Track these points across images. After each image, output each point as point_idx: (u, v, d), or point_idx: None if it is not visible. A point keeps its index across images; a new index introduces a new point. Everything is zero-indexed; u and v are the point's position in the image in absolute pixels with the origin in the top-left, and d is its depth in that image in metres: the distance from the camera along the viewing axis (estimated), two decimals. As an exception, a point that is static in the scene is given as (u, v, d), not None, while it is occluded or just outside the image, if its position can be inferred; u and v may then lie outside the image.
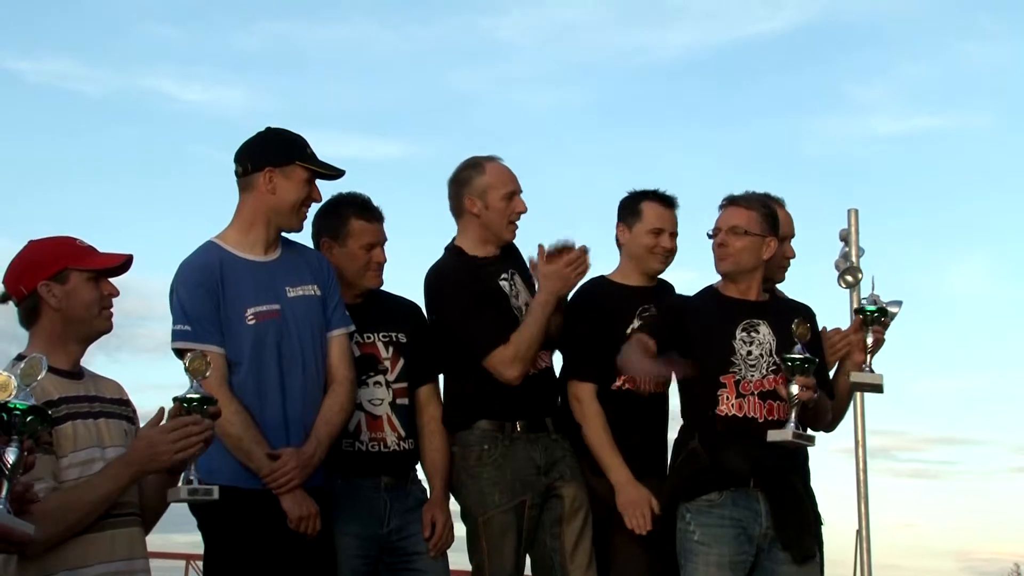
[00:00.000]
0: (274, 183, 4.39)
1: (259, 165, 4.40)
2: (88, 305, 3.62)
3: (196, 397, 3.55)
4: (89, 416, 3.57)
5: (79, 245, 3.68)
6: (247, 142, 4.50)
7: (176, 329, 4.31)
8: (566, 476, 4.84)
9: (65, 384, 3.57)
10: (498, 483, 4.76)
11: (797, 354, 4.49)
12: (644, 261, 5.12)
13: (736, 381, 4.66)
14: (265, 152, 4.43)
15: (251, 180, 4.42)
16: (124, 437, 3.65)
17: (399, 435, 4.74)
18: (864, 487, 5.50)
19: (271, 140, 4.48)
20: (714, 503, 4.60)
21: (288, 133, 4.50)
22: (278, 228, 4.46)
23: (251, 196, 4.43)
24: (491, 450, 4.79)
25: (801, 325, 4.53)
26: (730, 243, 4.77)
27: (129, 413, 3.76)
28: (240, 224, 4.46)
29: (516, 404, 4.82)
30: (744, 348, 4.70)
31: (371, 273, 4.80)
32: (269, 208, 4.41)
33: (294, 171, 4.41)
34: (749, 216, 4.79)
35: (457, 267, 4.91)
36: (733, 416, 4.64)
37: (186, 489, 3.59)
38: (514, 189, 4.92)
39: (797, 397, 4.48)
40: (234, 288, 4.34)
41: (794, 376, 4.48)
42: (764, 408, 4.64)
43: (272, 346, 4.36)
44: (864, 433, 5.49)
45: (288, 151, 4.43)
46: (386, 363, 4.78)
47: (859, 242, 5.37)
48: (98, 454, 3.55)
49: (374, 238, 4.80)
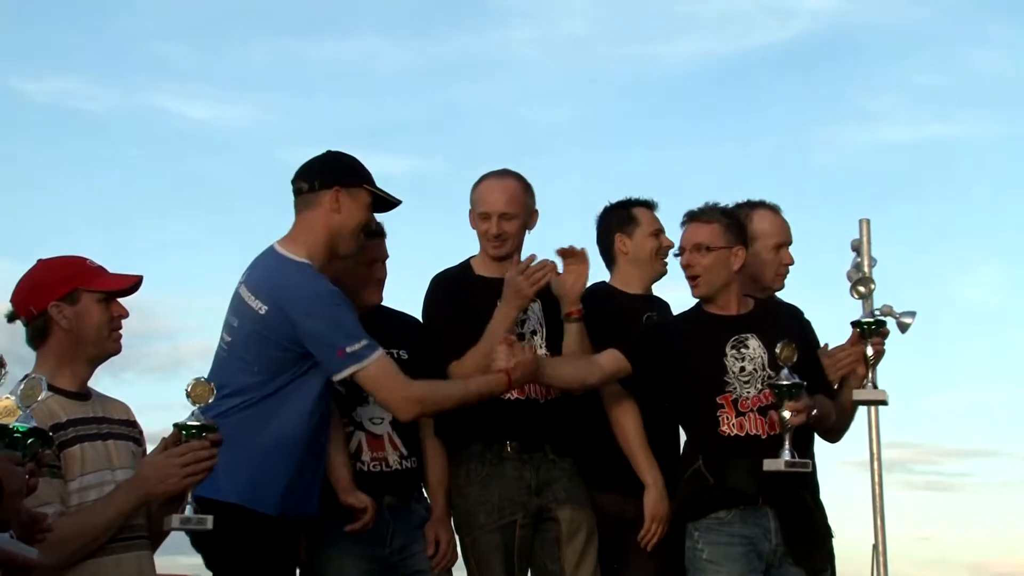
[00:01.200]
0: (340, 203, 4.37)
1: (328, 183, 4.38)
2: (98, 326, 3.64)
3: (196, 424, 3.52)
4: (97, 438, 3.59)
5: (89, 265, 3.70)
6: (313, 161, 4.49)
7: (352, 351, 4.19)
8: (560, 498, 4.81)
9: (73, 406, 3.58)
10: (484, 503, 4.75)
11: (784, 380, 4.47)
12: (651, 264, 5.16)
13: (733, 400, 4.63)
14: (335, 171, 4.42)
15: (316, 197, 4.38)
16: (132, 459, 3.66)
17: (401, 454, 4.73)
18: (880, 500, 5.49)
19: (339, 161, 4.49)
20: (723, 521, 4.58)
21: (354, 158, 4.52)
22: (335, 250, 4.41)
23: (314, 213, 4.38)
24: (478, 469, 4.79)
25: (785, 348, 4.48)
26: (695, 262, 4.74)
27: (136, 435, 3.78)
28: (309, 241, 4.36)
29: (510, 425, 4.80)
30: (736, 365, 4.67)
31: (371, 289, 4.79)
32: (333, 226, 4.37)
33: (360, 194, 4.40)
34: (710, 230, 4.75)
35: (451, 280, 4.96)
36: (736, 436, 4.60)
37: (178, 519, 3.55)
38: (487, 211, 4.90)
39: (790, 423, 4.45)
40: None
41: (783, 402, 4.46)
42: (766, 423, 4.60)
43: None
44: (879, 446, 5.48)
45: (357, 173, 4.44)
46: None
47: (871, 252, 5.38)
48: (109, 476, 3.56)
49: (375, 254, 4.80)
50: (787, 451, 4.48)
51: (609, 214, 5.28)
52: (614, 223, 5.23)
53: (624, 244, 5.18)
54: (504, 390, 4.52)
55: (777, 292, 5.20)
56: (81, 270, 3.68)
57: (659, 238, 5.16)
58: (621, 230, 5.20)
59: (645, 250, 5.16)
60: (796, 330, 4.77)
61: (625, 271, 5.21)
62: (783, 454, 4.47)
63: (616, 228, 5.21)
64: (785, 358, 4.48)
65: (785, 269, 5.16)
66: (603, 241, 5.27)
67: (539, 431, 4.86)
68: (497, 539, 4.74)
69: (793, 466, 4.48)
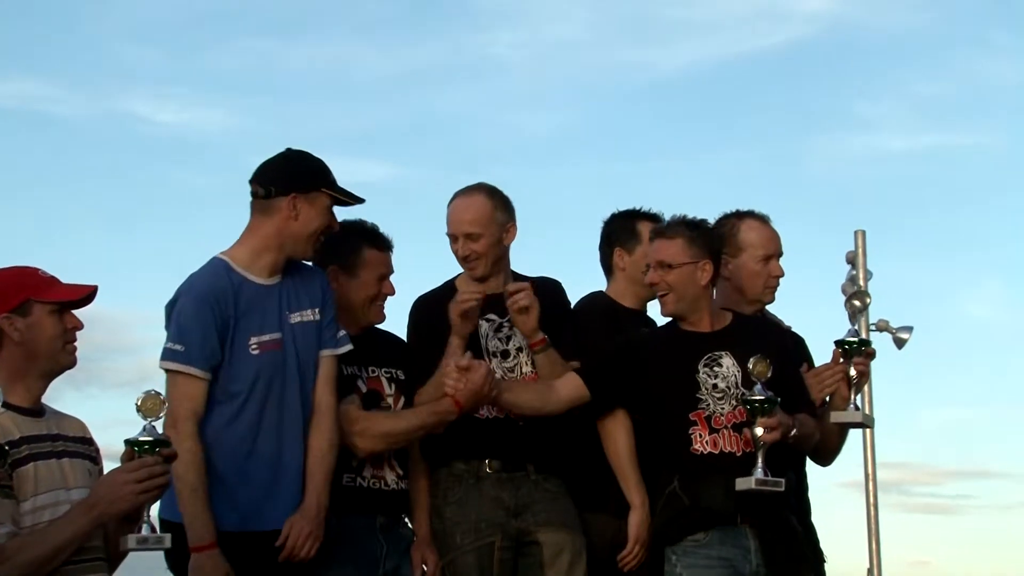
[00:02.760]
0: (298, 209, 4.35)
1: (285, 190, 4.36)
2: (51, 339, 3.60)
3: (149, 440, 3.47)
4: (51, 456, 3.54)
5: (41, 276, 3.66)
6: (269, 163, 4.46)
7: (168, 347, 4.28)
8: (540, 520, 4.77)
9: (26, 423, 3.54)
10: (459, 523, 4.74)
11: (757, 395, 4.44)
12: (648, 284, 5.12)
13: (707, 417, 4.60)
14: (291, 176, 4.40)
15: (273, 204, 4.37)
16: (88, 478, 3.60)
17: (398, 475, 4.74)
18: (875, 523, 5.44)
19: (297, 163, 4.45)
20: (700, 543, 4.53)
21: (311, 156, 4.48)
22: (291, 254, 4.43)
23: (270, 220, 4.38)
24: (455, 489, 4.78)
25: (759, 363, 4.46)
26: (660, 280, 4.71)
27: (92, 453, 3.72)
28: (254, 245, 4.40)
29: (490, 444, 4.78)
30: (709, 381, 4.64)
31: (378, 305, 4.79)
32: (289, 234, 4.37)
33: (319, 198, 4.39)
34: (673, 246, 4.72)
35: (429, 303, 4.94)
36: (709, 454, 4.58)
37: (135, 538, 3.50)
38: (452, 232, 4.87)
39: (762, 439, 4.42)
40: (243, 314, 4.33)
41: (756, 418, 4.44)
42: (740, 440, 4.56)
43: (272, 377, 4.35)
44: (874, 466, 5.42)
45: (314, 176, 4.41)
46: (389, 399, 4.78)
47: (867, 265, 5.34)
48: (64, 496, 3.51)
49: (386, 268, 4.80)
50: (759, 469, 4.45)
51: (612, 224, 5.26)
52: (616, 235, 5.22)
53: (622, 259, 5.17)
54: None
55: (767, 305, 5.16)
56: (32, 280, 3.64)
57: None
58: (622, 244, 5.18)
59: (643, 269, 5.08)
60: (775, 347, 4.71)
61: (621, 285, 5.19)
62: (755, 472, 4.45)
63: (617, 241, 5.20)
64: (759, 373, 4.46)
65: (775, 281, 5.12)
66: (603, 251, 5.26)
67: (521, 450, 4.83)
68: (473, 560, 4.72)
69: (764, 484, 4.45)
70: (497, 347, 4.85)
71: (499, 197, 4.94)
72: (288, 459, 4.37)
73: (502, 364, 4.85)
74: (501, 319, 4.88)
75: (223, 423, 4.30)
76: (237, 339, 4.31)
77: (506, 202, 4.94)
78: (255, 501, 4.30)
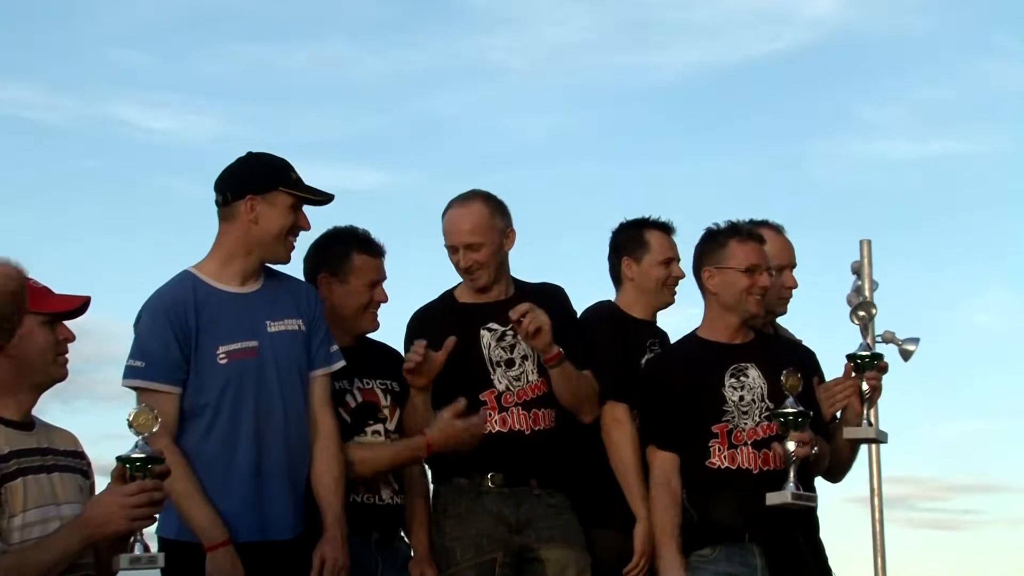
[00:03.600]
0: (256, 212, 4.28)
1: (240, 193, 4.30)
2: (43, 351, 3.58)
3: (141, 457, 3.39)
4: (41, 471, 3.52)
5: (33, 286, 3.62)
6: (227, 169, 4.40)
7: (128, 365, 4.24)
8: (544, 537, 4.73)
9: (15, 436, 3.51)
10: (460, 539, 4.70)
11: (790, 408, 4.44)
12: (658, 294, 5.11)
13: (728, 431, 4.60)
14: (246, 178, 4.34)
15: (232, 209, 4.31)
16: (79, 493, 3.59)
17: (393, 489, 4.71)
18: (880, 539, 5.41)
19: (252, 165, 4.39)
20: (707, 559, 4.53)
21: (270, 157, 4.41)
22: (262, 259, 4.37)
23: (232, 227, 4.32)
24: (456, 503, 4.74)
25: (791, 376, 4.46)
26: (771, 283, 4.77)
27: (84, 467, 3.70)
28: (220, 255, 4.36)
29: (492, 458, 4.73)
30: (735, 394, 4.63)
31: (371, 312, 4.75)
32: (252, 239, 4.30)
33: (277, 197, 4.31)
34: (764, 251, 4.78)
35: (424, 317, 4.92)
36: (726, 469, 4.57)
37: (127, 558, 3.44)
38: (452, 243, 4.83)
39: (794, 454, 4.41)
40: (207, 324, 4.26)
41: (788, 433, 4.43)
42: (759, 458, 4.57)
43: (246, 387, 4.27)
44: (880, 481, 5.40)
45: (269, 176, 4.33)
46: (385, 411, 4.74)
47: (872, 275, 5.32)
48: (54, 512, 3.48)
49: (377, 274, 4.77)
50: (792, 483, 4.44)
51: (621, 233, 5.23)
52: (623, 244, 5.19)
53: (631, 268, 5.13)
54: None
55: (780, 317, 5.15)
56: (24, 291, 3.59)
57: (669, 267, 5.11)
58: (630, 253, 5.15)
59: (651, 278, 5.09)
60: (796, 362, 4.70)
61: (631, 295, 5.16)
62: (787, 486, 4.43)
63: (625, 250, 5.17)
64: (791, 387, 4.47)
65: (788, 292, 5.13)
66: (611, 261, 5.24)
67: (524, 464, 4.78)
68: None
69: (799, 499, 4.45)
70: (501, 357, 4.81)
71: (495, 203, 4.90)
72: (270, 470, 4.29)
73: (507, 373, 4.80)
74: (504, 328, 4.83)
75: (197, 438, 4.24)
76: (201, 350, 4.24)
77: (503, 207, 4.91)
78: (235, 514, 4.23)
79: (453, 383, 4.72)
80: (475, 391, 4.74)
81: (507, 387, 4.78)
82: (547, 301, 4.85)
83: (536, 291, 4.95)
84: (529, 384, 4.82)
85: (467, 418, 4.63)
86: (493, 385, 4.77)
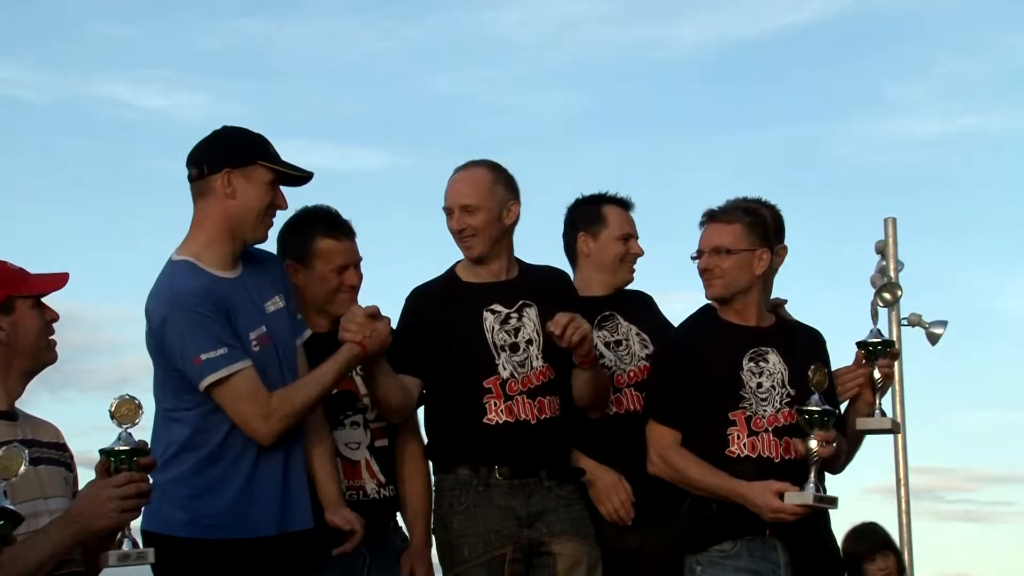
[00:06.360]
0: (233, 186, 4.24)
1: (216, 166, 4.24)
2: (36, 335, 3.59)
3: (125, 449, 3.39)
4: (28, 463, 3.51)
5: (13, 268, 3.62)
6: (201, 142, 4.35)
7: (206, 359, 4.12)
8: (555, 530, 4.71)
9: (1, 427, 3.49)
10: (467, 535, 4.67)
11: (815, 406, 4.42)
12: (616, 271, 5.10)
13: (747, 417, 4.59)
14: (223, 151, 4.29)
15: (207, 184, 4.25)
16: (64, 486, 3.58)
17: (379, 481, 4.66)
18: (907, 532, 5.44)
19: (229, 138, 4.34)
20: (727, 554, 4.53)
21: (247, 131, 4.37)
22: (242, 240, 4.32)
23: (208, 203, 4.26)
24: (462, 497, 4.71)
25: (818, 372, 4.46)
26: (715, 266, 4.70)
27: (67, 459, 3.68)
28: (200, 237, 4.29)
29: (498, 449, 4.70)
30: (753, 380, 4.63)
31: (342, 297, 4.68)
32: (229, 215, 4.25)
33: (255, 172, 4.26)
34: (732, 232, 4.72)
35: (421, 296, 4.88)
36: (747, 457, 4.57)
37: (116, 555, 3.45)
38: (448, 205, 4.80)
39: (817, 454, 4.41)
40: (234, 312, 4.24)
41: (812, 431, 4.41)
42: (780, 446, 4.55)
43: (270, 373, 4.26)
44: (907, 471, 5.42)
45: (248, 150, 4.28)
46: (365, 400, 4.69)
47: (897, 255, 5.32)
48: (42, 506, 3.48)
49: (345, 259, 4.71)
50: (812, 484, 4.44)
51: (577, 209, 5.23)
52: (580, 220, 5.18)
53: (587, 244, 5.13)
54: (359, 359, 4.39)
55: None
56: (9, 275, 3.60)
57: (627, 243, 5.11)
58: (586, 229, 5.14)
59: (608, 255, 5.08)
60: (816, 354, 4.71)
61: (586, 273, 5.14)
62: (808, 487, 4.43)
63: (581, 226, 5.16)
64: (817, 383, 4.47)
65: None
66: (566, 237, 5.23)
67: (532, 455, 4.75)
68: (483, 575, 4.66)
69: (821, 500, 4.46)
70: (505, 340, 4.76)
71: (501, 171, 4.87)
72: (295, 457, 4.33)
73: (512, 358, 4.75)
74: (508, 310, 4.80)
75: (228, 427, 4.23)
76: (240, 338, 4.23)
77: (510, 179, 4.87)
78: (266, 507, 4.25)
79: (455, 368, 4.69)
80: (478, 377, 4.70)
81: (512, 373, 4.74)
82: (553, 285, 4.85)
83: (542, 274, 4.93)
84: (534, 371, 4.77)
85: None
86: (497, 371, 4.73)
